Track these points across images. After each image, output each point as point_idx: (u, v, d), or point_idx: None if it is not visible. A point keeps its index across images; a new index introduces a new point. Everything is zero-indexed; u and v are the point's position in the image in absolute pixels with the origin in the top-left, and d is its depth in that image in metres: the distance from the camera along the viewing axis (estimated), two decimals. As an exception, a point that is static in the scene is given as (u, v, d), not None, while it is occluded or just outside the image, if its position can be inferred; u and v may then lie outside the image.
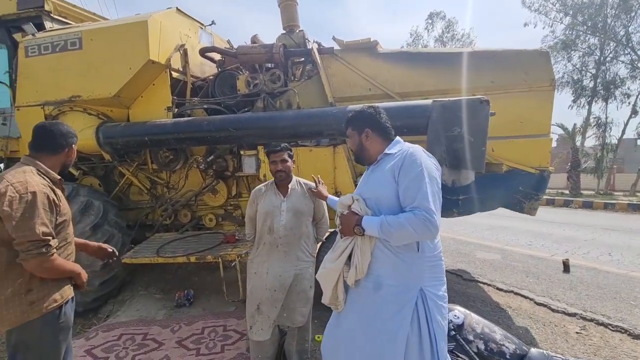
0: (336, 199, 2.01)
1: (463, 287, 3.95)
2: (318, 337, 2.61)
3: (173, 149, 3.56)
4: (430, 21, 23.20)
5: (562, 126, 15.48)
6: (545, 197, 9.81)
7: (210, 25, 4.32)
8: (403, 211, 1.35)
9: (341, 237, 1.50)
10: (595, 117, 16.67)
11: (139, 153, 3.72)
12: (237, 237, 3.33)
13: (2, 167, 4.00)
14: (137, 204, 4.03)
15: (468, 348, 1.56)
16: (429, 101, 2.72)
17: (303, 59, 3.63)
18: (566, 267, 4.46)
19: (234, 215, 3.87)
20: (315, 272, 2.01)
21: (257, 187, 2.26)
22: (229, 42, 4.67)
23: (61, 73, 3.36)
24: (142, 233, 3.94)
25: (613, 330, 2.91)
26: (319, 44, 3.53)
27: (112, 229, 3.39)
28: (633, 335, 2.83)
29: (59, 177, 1.62)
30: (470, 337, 1.61)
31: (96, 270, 3.22)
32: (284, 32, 3.64)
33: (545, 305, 3.39)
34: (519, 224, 7.56)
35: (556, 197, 12.96)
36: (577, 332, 2.89)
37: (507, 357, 1.54)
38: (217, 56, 4.07)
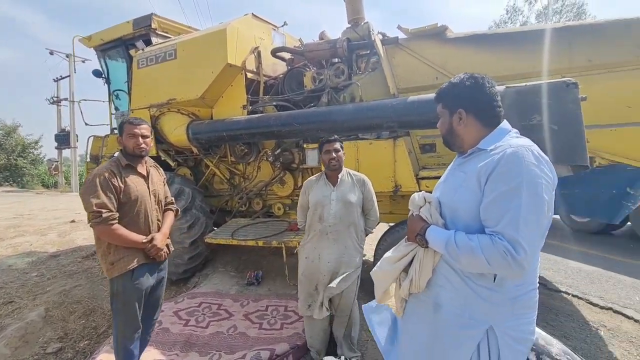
0: None
1: (545, 296, 3.46)
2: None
3: (247, 143, 3.94)
4: None
5: None
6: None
7: (282, 26, 4.59)
8: (483, 231, 1.05)
9: (405, 241, 1.29)
10: None
11: (220, 147, 4.20)
12: (299, 226, 3.52)
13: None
14: (218, 192, 4.58)
15: None
16: (501, 87, 2.46)
17: (368, 51, 3.61)
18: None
19: (300, 205, 4.10)
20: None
21: (309, 178, 2.41)
22: (300, 40, 4.88)
23: (161, 80, 4.00)
24: (222, 217, 4.47)
25: None
26: (384, 35, 3.45)
27: (198, 212, 3.94)
28: None
29: (125, 162, 1.95)
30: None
31: (185, 247, 3.81)
32: (349, 26, 3.66)
33: (655, 330, 2.79)
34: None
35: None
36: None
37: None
38: (287, 55, 4.31)
